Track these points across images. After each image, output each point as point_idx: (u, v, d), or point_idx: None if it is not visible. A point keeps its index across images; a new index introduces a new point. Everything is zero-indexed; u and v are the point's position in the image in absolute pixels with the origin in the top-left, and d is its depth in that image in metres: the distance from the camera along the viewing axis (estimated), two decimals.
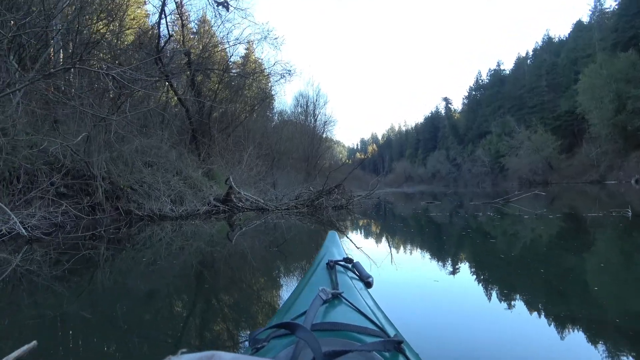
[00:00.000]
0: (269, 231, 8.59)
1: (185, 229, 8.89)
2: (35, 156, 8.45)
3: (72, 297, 3.31)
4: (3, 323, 2.67)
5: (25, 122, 8.30)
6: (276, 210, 12.20)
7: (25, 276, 3.97)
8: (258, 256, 5.27)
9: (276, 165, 23.43)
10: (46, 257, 5.20)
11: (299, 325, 0.78)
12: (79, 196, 9.47)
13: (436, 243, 6.42)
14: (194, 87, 16.77)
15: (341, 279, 1.32)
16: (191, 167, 13.68)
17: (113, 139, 10.20)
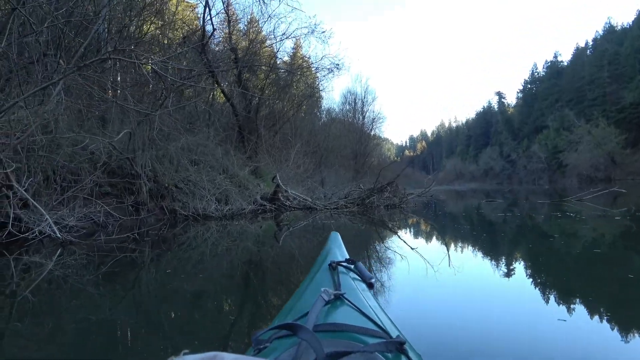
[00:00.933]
0: (317, 231, 7.99)
1: (231, 229, 8.45)
2: (79, 154, 8.18)
3: (97, 301, 3.22)
4: (47, 327, 2.57)
5: (67, 119, 8.04)
6: (325, 209, 11.55)
7: (63, 279, 3.83)
8: (307, 257, 5.00)
9: (324, 162, 22.83)
10: (83, 260, 4.96)
11: (301, 326, 0.77)
12: (122, 195, 9.19)
13: (513, 248, 5.61)
14: (240, 84, 16.40)
15: (343, 280, 1.31)
16: (237, 165, 13.26)
17: (157, 136, 9.87)
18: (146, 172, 9.64)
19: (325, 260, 1.55)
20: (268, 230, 8.83)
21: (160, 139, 11.07)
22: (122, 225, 8.71)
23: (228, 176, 12.24)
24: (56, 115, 7.44)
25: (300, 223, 9.30)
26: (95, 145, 8.11)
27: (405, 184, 26.35)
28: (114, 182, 9.12)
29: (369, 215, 10.68)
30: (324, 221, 9.30)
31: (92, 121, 9.06)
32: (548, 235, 6.66)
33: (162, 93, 8.87)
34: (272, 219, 10.45)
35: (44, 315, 2.84)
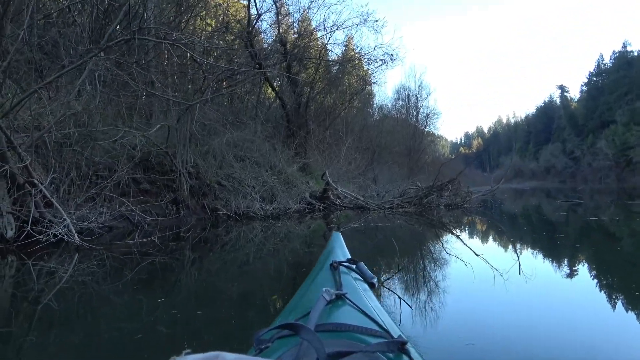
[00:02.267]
0: (370, 232, 7.24)
1: (276, 229, 7.78)
2: (114, 149, 7.61)
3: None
4: (67, 336, 2.45)
5: (101, 111, 7.47)
6: (378, 209, 10.50)
7: (87, 284, 3.61)
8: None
9: (376, 160, 21.69)
10: (112, 263, 4.56)
11: (302, 326, 0.76)
12: (162, 193, 8.57)
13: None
14: (289, 78, 15.62)
15: (345, 280, 1.28)
16: (285, 161, 12.47)
17: (200, 131, 9.21)
18: (187, 168, 8.99)
19: (327, 260, 1.51)
20: (317, 230, 8.11)
21: (204, 134, 10.44)
22: (161, 224, 8.11)
23: (275, 173, 11.46)
24: (86, 107, 6.88)
25: (351, 224, 8.38)
26: (129, 139, 7.50)
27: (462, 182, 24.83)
28: (153, 179, 8.52)
29: (427, 216, 9.57)
30: (377, 223, 8.28)
31: (130, 114, 8.48)
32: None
33: (204, 81, 8.15)
34: (321, 219, 9.62)
35: (65, 323, 2.67)
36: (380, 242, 6.32)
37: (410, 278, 3.90)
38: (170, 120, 8.63)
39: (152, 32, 5.43)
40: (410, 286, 3.58)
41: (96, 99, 7.38)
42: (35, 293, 3.34)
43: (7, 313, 2.90)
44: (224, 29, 11.41)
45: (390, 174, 21.58)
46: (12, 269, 4.50)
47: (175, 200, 8.64)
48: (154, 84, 7.71)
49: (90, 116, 7.26)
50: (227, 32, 11.42)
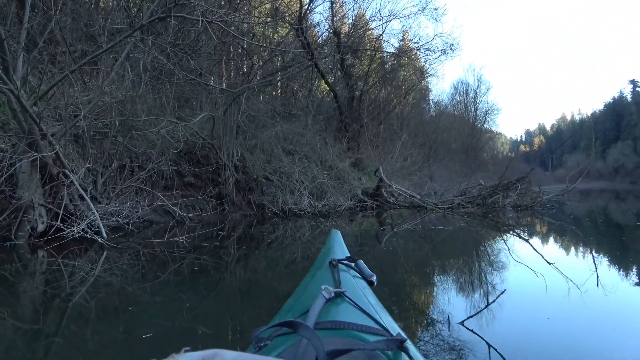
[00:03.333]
0: (427, 233, 6.52)
1: (325, 228, 7.13)
2: (155, 140, 7.21)
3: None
4: (105, 334, 2.31)
5: (144, 99, 7.09)
6: (436, 208, 9.59)
7: (117, 282, 3.42)
8: (413, 261, 4.46)
9: (432, 156, 20.54)
10: (148, 260, 4.26)
11: (301, 323, 0.75)
12: (207, 187, 8.13)
13: None
14: (343, 70, 14.90)
15: (344, 278, 1.25)
16: (337, 156, 11.78)
17: (244, 120, 8.69)
18: (233, 161, 8.51)
19: (325, 258, 1.46)
20: (369, 229, 7.54)
21: (253, 127, 9.95)
22: (204, 220, 7.67)
23: (325, 168, 10.80)
24: (127, 95, 6.50)
25: (406, 223, 7.60)
26: (172, 129, 7.07)
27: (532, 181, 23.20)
28: (197, 172, 8.09)
29: (492, 218, 8.58)
30: (436, 225, 7.41)
31: (173, 104, 8.07)
32: None
33: (251, 68, 7.61)
34: (374, 218, 8.90)
35: (91, 323, 2.49)
36: (439, 245, 5.54)
37: (473, 287, 3.49)
38: (217, 110, 8.16)
39: (190, 11, 4.88)
40: (472, 298, 3.12)
41: (138, 87, 7.01)
42: (64, 291, 3.11)
43: (37, 310, 2.74)
44: (274, 16, 10.80)
45: (447, 171, 20.44)
46: (42, 265, 4.17)
47: (219, 195, 8.18)
48: (200, 71, 7.22)
49: (133, 105, 6.89)
50: (278, 19, 10.80)
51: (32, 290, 3.26)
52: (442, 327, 2.32)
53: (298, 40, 11.45)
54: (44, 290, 3.24)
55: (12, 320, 2.54)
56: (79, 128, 6.05)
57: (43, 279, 3.59)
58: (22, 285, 3.40)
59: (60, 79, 4.83)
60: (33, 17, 4.99)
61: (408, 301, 3.07)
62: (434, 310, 2.84)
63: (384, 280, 3.59)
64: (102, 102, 6.55)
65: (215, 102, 8.06)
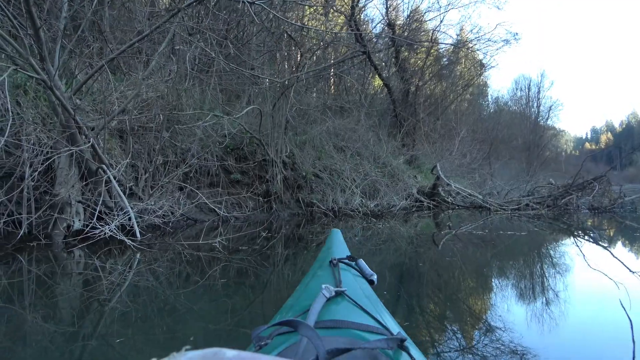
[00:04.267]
0: (489, 237, 5.76)
1: (377, 229, 6.58)
2: (199, 135, 6.88)
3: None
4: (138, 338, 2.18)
5: (188, 93, 6.78)
6: (501, 209, 8.69)
7: (151, 284, 3.23)
8: (471, 267, 4.09)
9: (492, 154, 19.27)
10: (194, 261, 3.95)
11: (302, 322, 0.73)
12: (254, 184, 7.73)
13: None
14: (397, 64, 14.15)
15: (344, 277, 1.23)
16: (391, 153, 11.09)
17: (294, 114, 8.21)
18: (282, 158, 8.06)
19: (326, 258, 1.46)
20: (424, 230, 7.02)
21: (303, 122, 9.49)
22: (251, 219, 7.28)
23: (378, 165, 10.15)
24: (172, 88, 6.19)
25: (466, 226, 6.86)
26: (217, 124, 6.70)
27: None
28: (245, 169, 7.71)
29: (564, 221, 7.63)
30: (505, 230, 6.61)
31: (217, 97, 7.72)
32: None
33: (301, 57, 7.13)
34: (430, 218, 8.19)
35: (130, 326, 2.33)
36: (502, 249, 4.81)
37: (534, 295, 3.13)
38: (265, 104, 7.74)
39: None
40: (533, 307, 2.80)
41: (184, 80, 6.70)
42: (100, 293, 2.94)
43: (72, 312, 2.60)
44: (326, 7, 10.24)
45: (508, 170, 19.12)
46: (78, 266, 3.88)
47: (267, 193, 7.76)
48: (250, 63, 6.81)
49: (178, 98, 6.59)
50: (330, 6, 10.25)
51: (68, 292, 3.06)
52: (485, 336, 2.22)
53: (351, 34, 10.84)
54: (79, 292, 3.04)
55: (49, 322, 2.40)
56: (123, 123, 5.81)
57: (79, 279, 3.36)
58: (59, 286, 3.17)
59: (96, 70, 4.53)
60: (71, 6, 4.74)
61: (463, 306, 2.84)
62: (492, 317, 2.60)
63: (437, 283, 3.49)
64: (146, 96, 6.31)
65: (264, 95, 7.63)
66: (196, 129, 6.81)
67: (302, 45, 7.19)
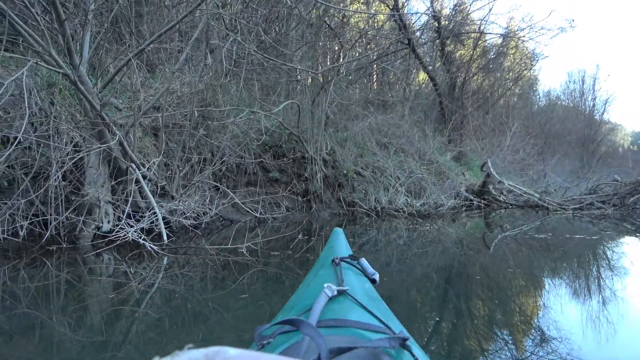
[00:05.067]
0: (552, 240, 5.12)
1: (424, 229, 6.14)
2: (240, 131, 6.56)
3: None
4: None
5: (224, 89, 6.47)
6: (560, 209, 7.89)
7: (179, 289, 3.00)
8: (526, 270, 3.63)
9: (546, 150, 18.07)
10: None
11: (304, 321, 0.73)
12: (293, 183, 7.34)
13: None
14: (443, 56, 13.41)
15: (346, 276, 1.22)
16: (437, 149, 10.43)
17: (334, 110, 7.76)
18: (322, 155, 7.63)
19: (328, 257, 1.44)
20: (474, 230, 6.55)
21: (344, 118, 9.03)
22: (290, 219, 6.91)
23: (424, 162, 9.54)
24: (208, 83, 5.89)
25: (520, 226, 6.25)
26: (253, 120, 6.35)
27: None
28: (283, 167, 7.34)
29: (632, 221, 6.82)
30: (562, 232, 5.91)
31: (256, 93, 7.37)
32: None
33: (341, 49, 6.67)
34: (480, 218, 7.58)
35: (161, 333, 2.18)
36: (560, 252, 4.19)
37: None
38: (303, 99, 7.34)
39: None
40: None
41: (220, 75, 6.40)
42: (129, 298, 2.76)
43: (102, 319, 2.42)
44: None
45: (561, 166, 17.91)
46: (107, 269, 3.65)
47: (306, 192, 7.36)
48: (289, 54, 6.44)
49: (214, 94, 6.29)
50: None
51: (93, 297, 2.88)
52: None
53: (394, 27, 10.27)
54: (103, 298, 2.84)
55: (74, 328, 2.24)
56: (157, 120, 5.56)
57: (104, 284, 3.18)
58: (85, 290, 3.00)
59: (124, 63, 4.26)
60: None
61: (517, 314, 2.61)
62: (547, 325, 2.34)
63: (485, 284, 3.27)
64: (180, 92, 6.05)
65: (302, 90, 7.22)
66: (232, 126, 6.50)
67: (342, 35, 6.73)
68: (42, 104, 4.68)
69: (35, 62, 3.49)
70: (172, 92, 6.10)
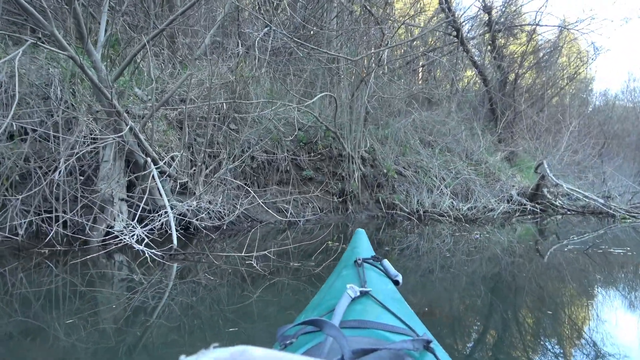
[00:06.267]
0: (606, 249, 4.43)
1: (475, 238, 5.36)
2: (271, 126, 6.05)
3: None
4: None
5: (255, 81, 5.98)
6: (630, 216, 6.88)
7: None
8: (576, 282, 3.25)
9: (605, 152, 16.55)
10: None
11: (327, 322, 0.71)
12: (329, 183, 6.76)
13: None
14: (494, 51, 12.41)
15: (369, 277, 1.18)
16: (486, 149, 9.54)
17: (375, 104, 7.12)
18: (361, 153, 7.01)
19: (351, 257, 1.41)
20: (525, 237, 5.87)
21: (387, 114, 8.35)
22: (324, 221, 6.34)
23: (472, 163, 8.70)
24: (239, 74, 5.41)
25: (580, 234, 5.47)
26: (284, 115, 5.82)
27: None
28: (319, 165, 6.77)
29: None
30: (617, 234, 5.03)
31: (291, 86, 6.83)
32: None
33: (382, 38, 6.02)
34: (534, 224, 6.77)
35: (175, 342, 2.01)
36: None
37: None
38: (341, 92, 6.74)
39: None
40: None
41: (251, 66, 5.91)
42: (140, 305, 2.52)
43: (112, 326, 2.18)
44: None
45: (620, 170, 16.36)
46: (119, 273, 3.30)
47: (342, 192, 6.75)
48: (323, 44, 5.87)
49: (245, 86, 5.80)
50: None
51: (98, 303, 2.60)
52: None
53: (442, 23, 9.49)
54: (118, 304, 2.59)
55: (89, 336, 2.06)
56: (181, 113, 5.13)
57: (117, 289, 2.90)
58: (90, 295, 2.71)
59: (139, 49, 3.82)
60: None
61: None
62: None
63: (528, 295, 2.97)
64: (209, 83, 5.61)
65: (340, 82, 6.62)
66: (264, 120, 5.99)
67: (385, 22, 6.08)
68: (62, 94, 4.34)
69: (34, 42, 3.09)
70: (201, 84, 5.68)
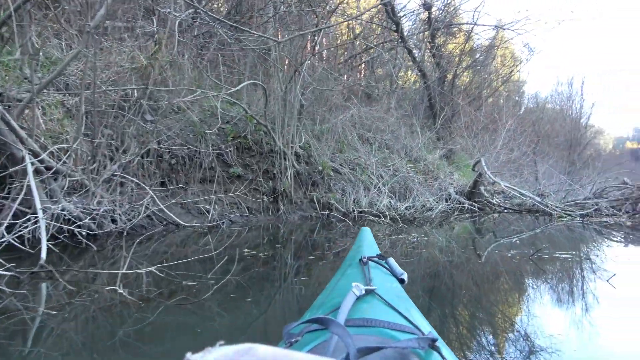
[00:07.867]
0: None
1: (411, 239, 5.04)
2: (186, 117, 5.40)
3: None
4: None
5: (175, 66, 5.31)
6: (565, 214, 6.82)
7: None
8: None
9: (537, 151, 17.11)
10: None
11: (332, 320, 0.70)
12: (259, 181, 6.19)
13: None
14: (433, 48, 12.35)
15: (375, 275, 1.15)
16: (425, 146, 9.34)
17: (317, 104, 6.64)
18: (295, 149, 6.49)
19: (356, 256, 1.37)
20: (462, 235, 5.83)
21: (324, 109, 7.89)
22: (252, 223, 5.78)
23: (411, 160, 8.45)
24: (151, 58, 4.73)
25: (516, 233, 5.33)
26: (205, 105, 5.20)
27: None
28: (248, 162, 6.19)
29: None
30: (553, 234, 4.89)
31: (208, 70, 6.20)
32: None
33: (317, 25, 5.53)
34: (471, 223, 6.62)
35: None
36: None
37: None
38: (272, 83, 6.19)
39: None
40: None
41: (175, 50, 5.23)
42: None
43: None
44: None
45: (548, 168, 17.04)
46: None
47: (273, 191, 6.21)
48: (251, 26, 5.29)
49: (161, 71, 5.11)
50: None
51: None
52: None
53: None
54: None
55: None
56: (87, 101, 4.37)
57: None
58: None
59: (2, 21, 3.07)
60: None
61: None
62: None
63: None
64: (118, 66, 4.89)
65: (269, 71, 6.07)
66: (185, 111, 5.33)
67: (318, 5, 5.60)
68: None
69: None
70: (109, 67, 4.94)
